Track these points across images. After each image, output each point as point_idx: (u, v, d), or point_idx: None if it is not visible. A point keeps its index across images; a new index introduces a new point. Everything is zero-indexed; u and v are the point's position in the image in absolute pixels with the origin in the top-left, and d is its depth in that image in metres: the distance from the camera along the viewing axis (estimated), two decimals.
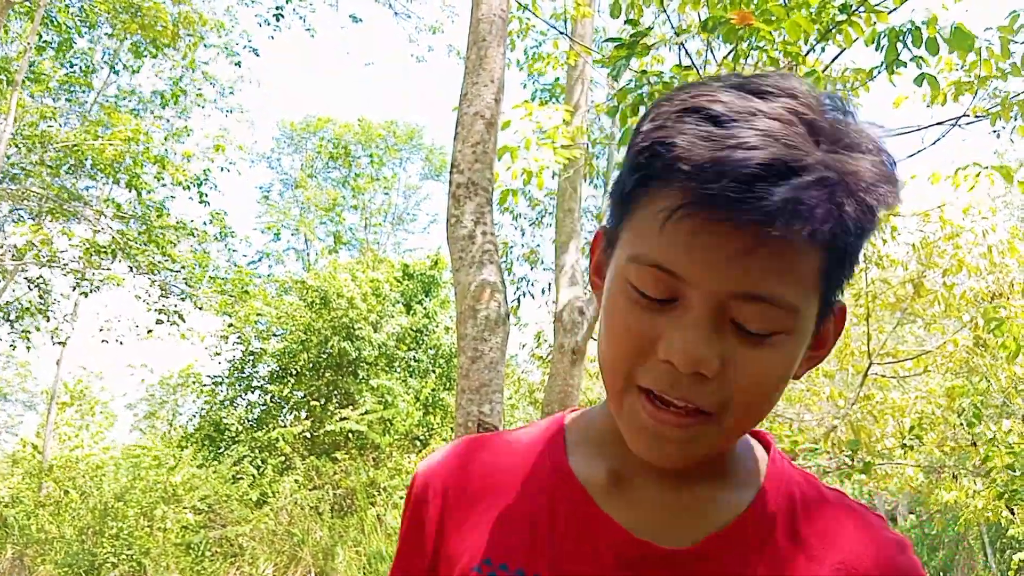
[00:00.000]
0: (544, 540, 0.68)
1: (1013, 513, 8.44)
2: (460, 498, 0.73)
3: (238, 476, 12.55)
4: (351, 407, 12.83)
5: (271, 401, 13.73)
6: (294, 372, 13.63)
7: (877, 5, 3.48)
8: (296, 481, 11.80)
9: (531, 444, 0.76)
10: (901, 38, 3.23)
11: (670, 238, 0.57)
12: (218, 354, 14.12)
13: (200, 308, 12.09)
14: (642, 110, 3.58)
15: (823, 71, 3.78)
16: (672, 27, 4.52)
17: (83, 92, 12.98)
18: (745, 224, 0.54)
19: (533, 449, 0.75)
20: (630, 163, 0.61)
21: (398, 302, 14.25)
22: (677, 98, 0.59)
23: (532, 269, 10.10)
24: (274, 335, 13.96)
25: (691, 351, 0.57)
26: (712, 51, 4.35)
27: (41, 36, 10.91)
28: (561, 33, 6.93)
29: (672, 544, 0.66)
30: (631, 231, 0.61)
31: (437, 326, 14.47)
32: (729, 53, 3.62)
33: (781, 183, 0.53)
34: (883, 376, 6.91)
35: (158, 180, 11.50)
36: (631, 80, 3.60)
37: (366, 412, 12.52)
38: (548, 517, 0.69)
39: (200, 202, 11.94)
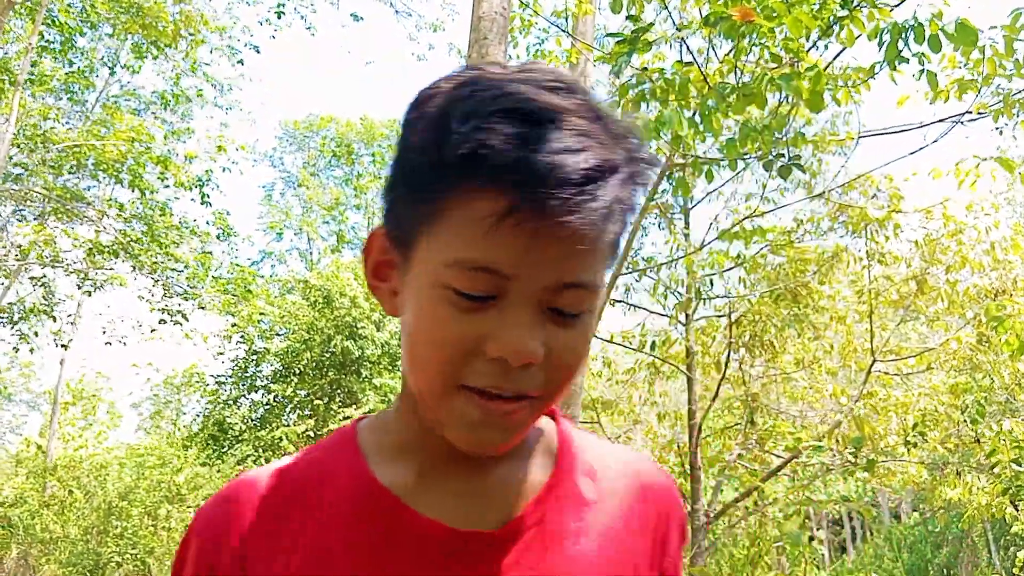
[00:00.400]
0: (365, 557, 0.65)
1: (1017, 509, 8.42)
2: (259, 546, 0.67)
3: None
4: (354, 406, 12.84)
5: (274, 400, 13.74)
6: (297, 371, 13.64)
7: (878, 1, 3.47)
8: None
9: (322, 464, 0.72)
10: (903, 34, 3.22)
11: (500, 242, 0.57)
12: (221, 354, 14.15)
13: (203, 308, 12.09)
14: (643, 107, 3.58)
15: (824, 68, 3.77)
16: (673, 23, 4.51)
17: (84, 92, 13.00)
18: (575, 223, 0.56)
19: (326, 468, 0.71)
20: (436, 164, 0.58)
21: None
22: (480, 95, 0.58)
23: None
24: (277, 334, 13.98)
25: (524, 347, 0.59)
26: (713, 48, 4.34)
27: (43, 36, 10.91)
28: (562, 30, 6.93)
29: (494, 526, 0.67)
30: (444, 235, 0.60)
31: None
32: (731, 50, 3.61)
33: (604, 184, 0.57)
34: (886, 373, 6.90)
35: (161, 181, 11.51)
36: (632, 76, 3.59)
37: (369, 411, 12.53)
38: (363, 532, 0.66)
39: (202, 203, 11.94)
